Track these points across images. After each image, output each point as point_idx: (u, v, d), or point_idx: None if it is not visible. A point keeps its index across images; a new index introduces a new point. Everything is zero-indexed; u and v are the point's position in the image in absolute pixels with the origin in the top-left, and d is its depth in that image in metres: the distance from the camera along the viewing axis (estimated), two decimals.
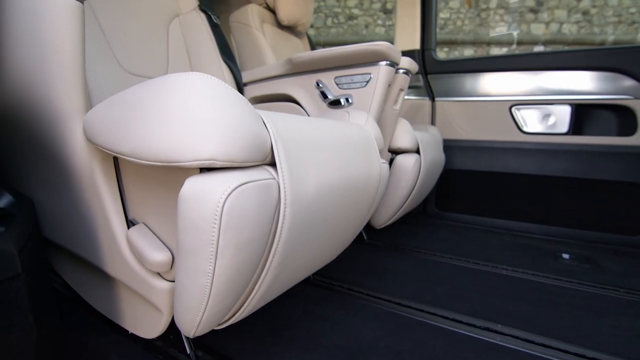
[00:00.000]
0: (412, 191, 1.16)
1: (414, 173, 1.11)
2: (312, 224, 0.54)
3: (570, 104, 1.52)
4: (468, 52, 7.44)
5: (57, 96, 0.50)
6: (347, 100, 0.95)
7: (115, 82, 0.87)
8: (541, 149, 1.57)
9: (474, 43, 7.46)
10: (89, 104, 0.54)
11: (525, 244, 1.37)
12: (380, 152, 0.79)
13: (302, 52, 1.74)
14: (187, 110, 0.39)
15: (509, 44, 7.28)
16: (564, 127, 1.54)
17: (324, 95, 0.99)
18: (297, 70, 1.03)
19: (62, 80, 0.49)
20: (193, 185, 0.40)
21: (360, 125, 0.79)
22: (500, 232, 1.54)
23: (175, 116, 0.40)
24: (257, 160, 0.45)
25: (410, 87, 1.84)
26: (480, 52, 7.40)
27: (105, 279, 0.67)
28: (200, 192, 0.39)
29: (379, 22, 7.43)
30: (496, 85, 1.65)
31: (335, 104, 0.97)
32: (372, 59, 0.90)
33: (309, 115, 1.02)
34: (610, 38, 6.83)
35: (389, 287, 0.94)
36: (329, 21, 7.55)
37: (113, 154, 0.44)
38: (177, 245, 0.43)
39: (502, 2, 7.27)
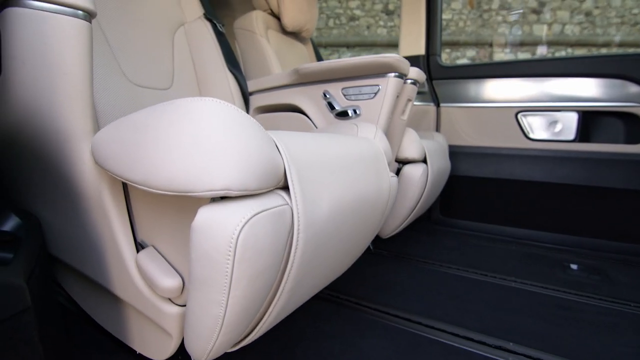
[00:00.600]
0: (419, 201, 1.15)
1: (421, 183, 1.10)
2: (324, 245, 0.53)
3: (577, 111, 1.51)
4: (470, 53, 7.43)
5: (65, 117, 0.49)
6: (354, 111, 0.94)
7: (122, 94, 0.86)
8: (548, 156, 1.56)
9: (476, 44, 7.45)
10: (96, 125, 0.53)
11: (532, 253, 1.36)
12: (388, 164, 0.78)
13: (307, 57, 1.73)
14: (201, 138, 0.38)
15: (511, 45, 7.26)
16: (570, 134, 1.53)
17: (331, 106, 0.98)
18: (304, 80, 1.02)
19: (70, 101, 0.48)
20: (206, 216, 0.39)
21: (369, 139, 0.78)
22: (507, 240, 1.53)
23: (188, 145, 0.39)
24: (270, 185, 0.44)
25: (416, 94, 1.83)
26: (483, 53, 7.39)
27: (112, 298, 0.66)
28: (214, 223, 0.38)
29: (381, 23, 7.42)
30: (502, 91, 1.64)
31: (343, 115, 0.96)
32: (380, 71, 0.89)
33: (315, 126, 1.01)
34: (615, 39, 6.81)
35: (398, 302, 0.93)
36: (331, 22, 7.54)
37: (123, 180, 0.43)
38: (189, 274, 0.42)
39: (504, 3, 7.26)
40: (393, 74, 0.88)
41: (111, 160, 0.44)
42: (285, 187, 0.48)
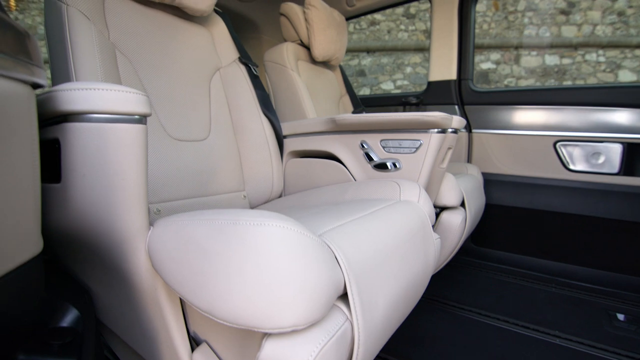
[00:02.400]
0: (457, 246, 1.12)
1: (460, 230, 1.07)
2: (380, 340, 0.52)
3: (622, 143, 1.43)
4: (495, 56, 7.23)
5: (121, 218, 0.49)
6: (394, 165, 0.92)
7: (161, 150, 0.86)
8: (589, 189, 1.49)
9: (501, 47, 7.25)
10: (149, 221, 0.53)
11: (573, 297, 1.30)
12: (431, 224, 0.76)
13: (335, 84, 1.71)
14: (265, 270, 0.38)
15: (539, 47, 7.03)
16: (614, 166, 1.45)
17: (368, 157, 0.96)
18: (341, 129, 1.00)
19: (126, 203, 0.49)
20: (273, 351, 0.38)
21: (413, 203, 0.76)
22: (545, 280, 1.47)
23: (252, 276, 0.38)
24: (332, 303, 0.43)
25: None
26: (508, 56, 7.18)
27: None
28: (282, 358, 0.37)
29: (402, 27, 7.32)
30: (539, 118, 1.58)
31: (382, 167, 0.94)
32: (422, 127, 0.86)
33: (353, 176, 0.99)
34: None
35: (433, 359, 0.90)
36: (351, 27, 7.48)
37: (185, 300, 0.43)
38: None
39: (530, 5, 7.03)
40: (436, 130, 0.86)
41: (172, 278, 0.44)
42: (344, 294, 0.47)
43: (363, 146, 0.96)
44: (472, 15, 1.73)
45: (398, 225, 0.62)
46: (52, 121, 0.46)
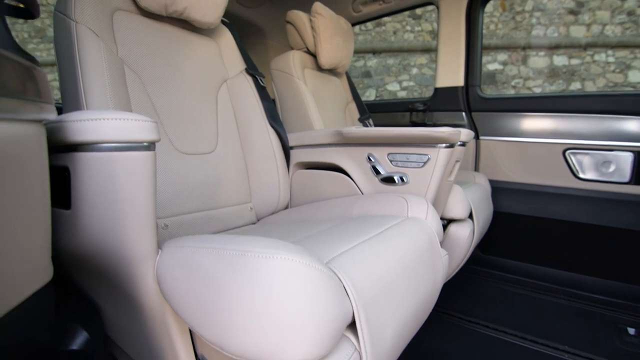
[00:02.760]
0: (465, 259, 1.11)
1: (468, 242, 1.06)
2: None
3: (633, 152, 1.41)
4: (502, 57, 7.17)
5: (130, 243, 0.50)
6: (401, 179, 0.91)
7: (169, 163, 0.87)
8: (598, 197, 1.47)
9: (508, 48, 7.19)
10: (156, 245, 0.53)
11: (582, 309, 1.28)
12: (439, 241, 0.75)
13: (341, 90, 1.71)
14: (274, 306, 0.37)
15: (547, 48, 6.95)
16: (624, 175, 1.43)
17: (375, 170, 0.96)
18: (348, 142, 1.00)
19: (135, 228, 0.49)
20: None
21: (421, 220, 0.75)
22: (554, 290, 1.45)
23: (261, 311, 0.38)
24: (340, 335, 0.43)
25: (452, 126, 1.77)
26: (515, 57, 7.12)
27: None
28: None
29: (408, 28, 7.28)
30: (548, 126, 1.56)
31: (389, 181, 0.93)
32: (430, 142, 0.85)
33: (360, 189, 0.99)
34: None
35: None
36: (357, 28, 7.46)
37: (193, 330, 0.43)
38: None
39: (538, 5, 6.96)
40: (444, 145, 0.85)
41: (180, 307, 0.44)
42: (352, 323, 0.46)
43: (370, 159, 0.96)
44: (479, 20, 1.71)
45: (406, 247, 0.62)
46: (62, 149, 0.46)
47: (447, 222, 1.09)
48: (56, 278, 0.70)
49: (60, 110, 0.83)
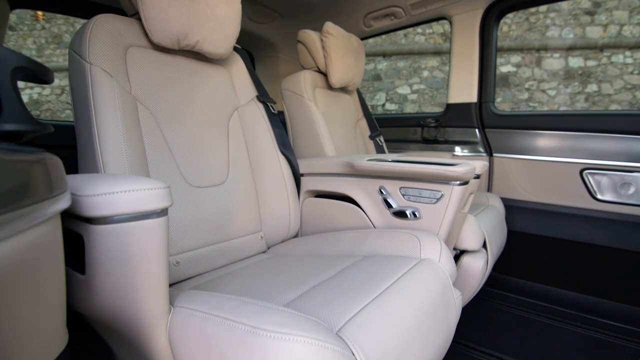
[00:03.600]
0: (478, 289, 1.09)
1: (481, 275, 1.04)
2: None
3: None
4: (515, 59, 7.05)
5: (143, 307, 0.50)
6: (414, 214, 0.90)
7: (180, 199, 0.87)
8: (618, 220, 1.43)
9: (521, 49, 7.06)
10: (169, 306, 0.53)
11: (600, 339, 1.24)
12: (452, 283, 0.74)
13: (352, 108, 1.70)
14: None
15: (561, 49, 6.81)
16: None
17: (387, 203, 0.94)
18: (359, 173, 0.99)
19: (148, 293, 0.49)
20: None
21: (433, 264, 0.74)
22: (570, 317, 1.41)
23: None
24: None
25: (464, 143, 1.75)
26: (529, 58, 6.99)
27: None
28: None
29: (419, 30, 7.21)
30: (565, 144, 1.52)
31: (401, 215, 0.92)
32: (444, 180, 0.84)
33: (371, 221, 0.98)
34: None
35: None
36: None
37: None
38: None
39: (553, 5, 6.82)
40: (458, 182, 0.83)
41: None
42: None
43: (382, 192, 0.95)
44: (494, 36, 1.68)
45: (419, 302, 0.61)
46: (76, 216, 0.47)
47: (459, 252, 1.07)
48: (71, 323, 0.71)
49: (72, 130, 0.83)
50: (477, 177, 0.96)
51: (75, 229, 0.48)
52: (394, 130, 1.98)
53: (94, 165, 0.71)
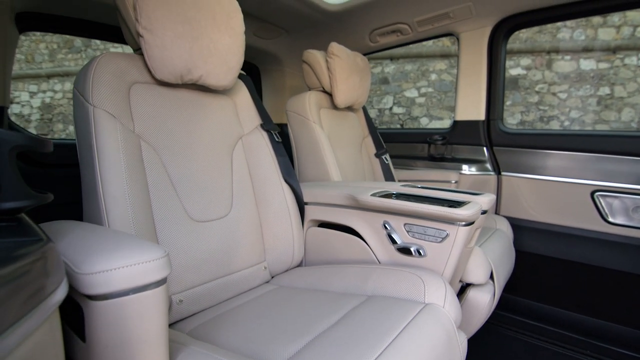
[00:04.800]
0: (484, 321, 1.07)
1: (487, 308, 1.02)
2: None
3: None
4: (525, 61, 6.96)
5: None
6: (418, 252, 0.88)
7: (183, 235, 0.87)
8: (630, 244, 1.39)
9: (532, 52, 6.96)
10: None
11: None
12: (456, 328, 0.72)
13: (358, 126, 1.68)
14: None
15: (573, 51, 6.69)
16: None
17: (391, 239, 0.93)
18: (363, 207, 0.98)
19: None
20: None
21: (438, 310, 0.72)
22: (580, 343, 1.38)
23: None
24: None
25: (472, 161, 1.72)
26: (540, 61, 6.89)
27: None
28: None
29: None
30: (576, 165, 1.49)
31: (405, 251, 0.91)
32: (450, 221, 0.82)
33: (375, 256, 0.97)
34: None
35: None
36: None
37: None
38: None
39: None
40: (464, 223, 0.82)
41: None
42: None
43: (386, 227, 0.94)
44: (502, 52, 1.65)
45: (423, 356, 0.60)
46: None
47: (465, 285, 1.06)
48: None
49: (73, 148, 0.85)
50: (484, 212, 0.94)
51: (75, 298, 0.48)
52: (400, 145, 1.96)
53: (98, 210, 0.72)
